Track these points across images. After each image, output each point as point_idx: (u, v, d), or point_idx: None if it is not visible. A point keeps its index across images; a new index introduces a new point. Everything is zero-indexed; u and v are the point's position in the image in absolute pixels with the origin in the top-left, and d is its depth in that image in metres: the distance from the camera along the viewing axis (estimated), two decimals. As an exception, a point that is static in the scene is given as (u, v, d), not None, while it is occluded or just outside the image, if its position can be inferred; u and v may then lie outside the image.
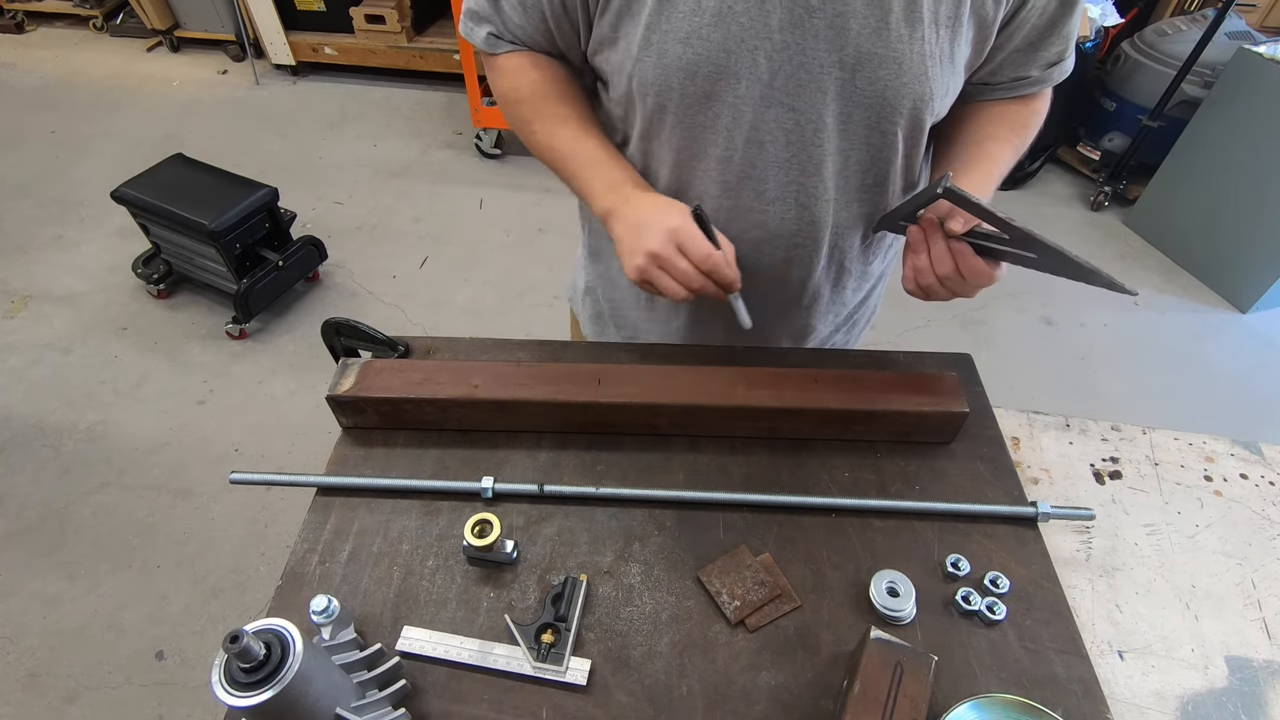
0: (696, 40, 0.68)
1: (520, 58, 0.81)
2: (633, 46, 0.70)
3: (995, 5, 0.69)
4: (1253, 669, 0.77)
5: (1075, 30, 0.77)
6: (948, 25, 0.68)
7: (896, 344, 2.50)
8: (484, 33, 0.81)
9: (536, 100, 0.82)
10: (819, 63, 0.68)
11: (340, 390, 0.79)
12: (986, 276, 0.70)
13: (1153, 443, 0.99)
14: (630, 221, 0.75)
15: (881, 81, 0.69)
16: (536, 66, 0.81)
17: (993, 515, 0.75)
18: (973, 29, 0.70)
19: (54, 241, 2.82)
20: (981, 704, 0.58)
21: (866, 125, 0.73)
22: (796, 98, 0.71)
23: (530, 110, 0.82)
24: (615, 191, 0.77)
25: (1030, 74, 0.79)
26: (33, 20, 4.32)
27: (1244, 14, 2.92)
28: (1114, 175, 3.06)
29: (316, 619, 0.60)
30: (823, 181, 0.78)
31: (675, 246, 0.71)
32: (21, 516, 1.94)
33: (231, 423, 2.19)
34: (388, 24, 3.53)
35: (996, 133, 0.81)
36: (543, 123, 0.82)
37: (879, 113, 0.72)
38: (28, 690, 1.62)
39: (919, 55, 0.68)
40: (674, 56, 0.69)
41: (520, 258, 2.80)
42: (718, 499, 0.76)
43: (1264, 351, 2.55)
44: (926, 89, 0.70)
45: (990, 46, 0.74)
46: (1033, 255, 0.66)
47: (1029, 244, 0.64)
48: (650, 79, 0.71)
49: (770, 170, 0.77)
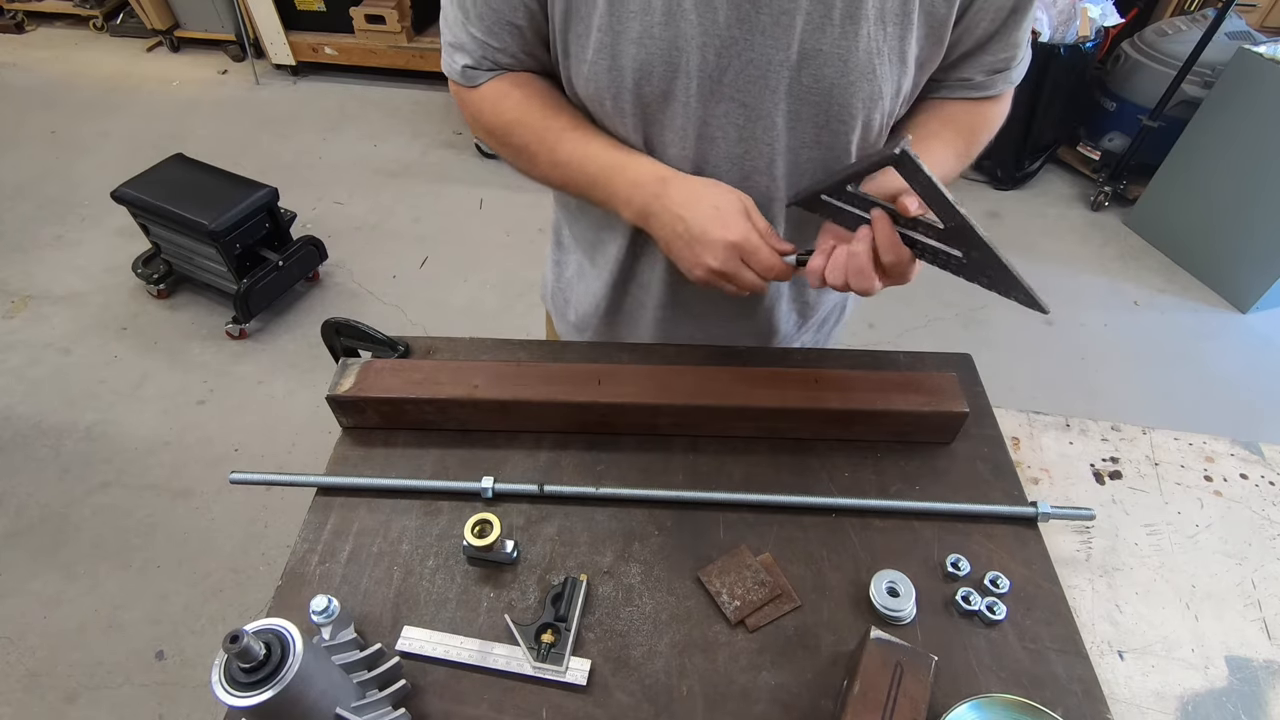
0: (649, 40, 0.67)
1: (498, 83, 0.77)
2: (585, 52, 0.70)
3: (947, 3, 0.68)
4: (1253, 669, 0.77)
5: (1024, 40, 0.75)
6: (895, 22, 0.67)
7: (896, 344, 2.50)
8: (460, 64, 0.77)
9: (527, 121, 0.76)
10: (767, 59, 0.68)
11: (340, 390, 0.79)
12: (906, 273, 0.65)
13: (1153, 443, 0.99)
14: (680, 231, 0.70)
15: (827, 79, 0.68)
16: (517, 85, 0.77)
17: (993, 515, 0.75)
18: (924, 27, 0.69)
19: (54, 241, 2.82)
20: (981, 704, 0.58)
21: (816, 124, 0.72)
22: (746, 93, 0.70)
23: (525, 133, 0.77)
24: (642, 190, 0.73)
25: (974, 77, 0.78)
26: (33, 20, 4.32)
27: (1244, 14, 2.92)
28: (1114, 175, 3.06)
29: (316, 619, 0.60)
30: (774, 180, 0.77)
31: (739, 261, 0.69)
32: (21, 516, 1.94)
33: (231, 423, 2.19)
34: (388, 24, 3.53)
35: (942, 133, 0.78)
36: (540, 142, 0.77)
37: (827, 110, 0.71)
38: (28, 690, 1.62)
39: (865, 52, 0.67)
40: (629, 58, 0.68)
41: (520, 258, 2.80)
42: (718, 499, 0.76)
43: (1264, 351, 2.55)
44: (875, 87, 0.69)
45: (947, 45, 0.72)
46: (958, 254, 0.61)
47: (964, 240, 0.59)
48: (605, 83, 0.71)
49: (722, 166, 0.76)
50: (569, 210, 0.96)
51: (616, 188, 0.74)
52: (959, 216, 0.58)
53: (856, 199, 0.67)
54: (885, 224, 0.64)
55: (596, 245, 0.93)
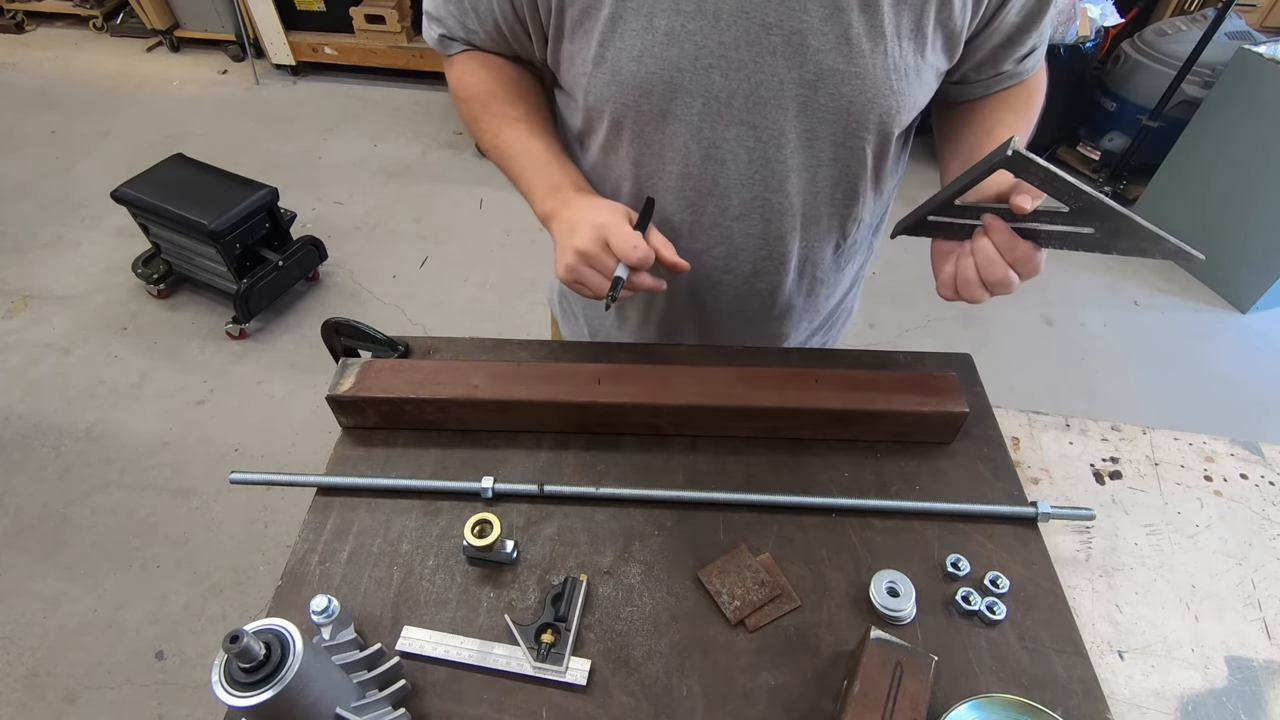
0: (649, 59, 0.67)
1: (471, 58, 0.81)
2: (586, 63, 0.70)
3: (962, 13, 0.68)
4: (1253, 669, 0.77)
5: (1049, 23, 0.76)
6: (911, 37, 0.67)
7: (896, 344, 2.50)
8: (436, 33, 0.81)
9: (484, 99, 0.81)
10: (778, 80, 0.68)
11: (340, 390, 0.79)
12: (1034, 266, 0.64)
13: (1153, 443, 0.99)
14: (564, 222, 0.73)
15: (845, 97, 0.68)
16: (486, 66, 0.81)
17: (993, 515, 0.75)
18: (940, 38, 0.69)
19: (54, 241, 2.82)
20: (981, 704, 0.58)
21: (833, 141, 0.73)
22: (756, 115, 0.70)
23: (478, 108, 0.82)
24: (555, 195, 0.75)
25: (1005, 69, 0.78)
26: (33, 20, 4.32)
27: (1244, 14, 2.92)
28: (1114, 175, 3.06)
29: (316, 619, 0.60)
30: (787, 197, 0.77)
31: (602, 242, 0.68)
32: (21, 516, 1.94)
33: (231, 423, 2.19)
34: (388, 24, 3.54)
35: (1003, 118, 0.79)
36: (490, 120, 0.81)
37: (844, 128, 0.71)
38: (28, 690, 1.62)
39: (882, 69, 0.67)
40: (628, 75, 0.68)
41: (520, 258, 2.80)
42: (718, 499, 0.76)
43: (1264, 351, 2.55)
44: (893, 102, 0.70)
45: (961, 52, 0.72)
46: (1089, 230, 0.60)
47: (1093, 215, 0.58)
48: (604, 95, 0.71)
49: (733, 187, 0.76)
50: None
51: (536, 189, 0.77)
52: (1085, 195, 0.57)
53: (965, 210, 0.66)
54: (999, 225, 0.63)
55: None
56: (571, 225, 0.71)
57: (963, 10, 0.67)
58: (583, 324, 1.05)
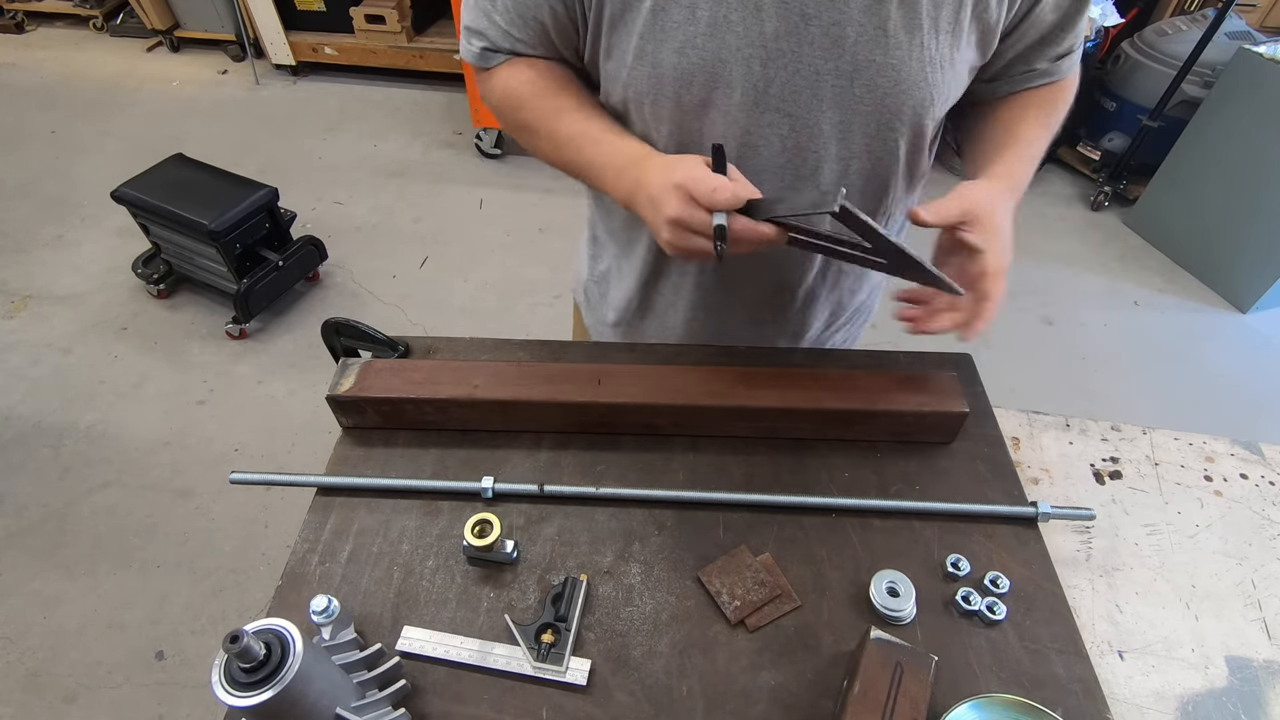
0: (691, 50, 0.67)
1: (512, 65, 0.79)
2: (627, 56, 0.70)
3: (998, 8, 0.69)
4: (1253, 669, 0.77)
5: (1084, 24, 0.76)
6: (948, 31, 0.68)
7: (896, 344, 2.49)
8: (479, 47, 0.78)
9: (535, 99, 0.78)
10: (815, 70, 0.68)
11: (340, 390, 0.79)
12: None
13: (1153, 443, 0.99)
14: (643, 201, 0.69)
15: (880, 89, 0.69)
16: (531, 67, 0.79)
17: (993, 515, 0.75)
18: (975, 33, 0.70)
19: (54, 241, 2.82)
20: (981, 704, 0.58)
21: (867, 133, 0.73)
22: (792, 104, 0.70)
23: (530, 113, 0.79)
24: (625, 175, 0.72)
25: (1038, 66, 0.78)
26: (33, 20, 4.32)
27: (1244, 14, 2.92)
28: (1114, 175, 3.06)
29: (316, 619, 0.60)
30: (820, 189, 0.77)
31: (687, 200, 0.64)
32: (21, 516, 1.94)
33: (231, 423, 2.19)
34: (388, 24, 3.53)
35: (1025, 114, 0.79)
36: (543, 120, 0.78)
37: (879, 119, 0.72)
38: (28, 690, 1.62)
39: (918, 62, 0.68)
40: (669, 66, 0.68)
41: (520, 258, 2.80)
42: (718, 499, 0.76)
43: (1264, 351, 2.55)
44: (927, 95, 0.70)
45: (995, 48, 0.73)
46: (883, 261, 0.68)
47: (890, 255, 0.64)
48: (645, 88, 0.71)
49: (764, 175, 0.76)
50: (602, 206, 0.97)
51: (606, 174, 0.74)
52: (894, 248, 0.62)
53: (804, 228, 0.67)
54: None
55: (628, 244, 0.94)
56: (652, 201, 0.67)
57: (999, 5, 0.68)
58: (608, 310, 1.04)
